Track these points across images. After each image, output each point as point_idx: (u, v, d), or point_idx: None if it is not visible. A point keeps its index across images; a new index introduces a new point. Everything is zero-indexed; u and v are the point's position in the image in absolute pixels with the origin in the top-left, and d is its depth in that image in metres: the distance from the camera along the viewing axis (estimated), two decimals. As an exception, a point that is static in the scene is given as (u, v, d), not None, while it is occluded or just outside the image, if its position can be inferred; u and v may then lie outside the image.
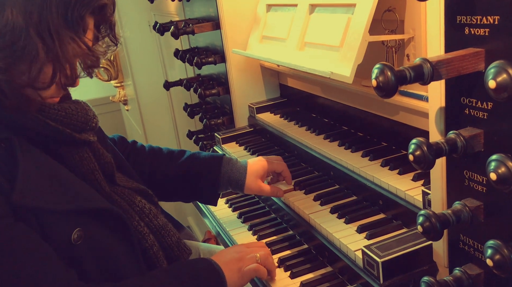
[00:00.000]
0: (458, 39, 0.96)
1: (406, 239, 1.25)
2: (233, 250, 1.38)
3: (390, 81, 0.86)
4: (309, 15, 1.63)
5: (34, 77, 1.04)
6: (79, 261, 1.13)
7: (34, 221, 1.06)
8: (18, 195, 1.03)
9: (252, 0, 2.18)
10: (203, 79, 2.73)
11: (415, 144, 0.94)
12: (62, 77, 1.08)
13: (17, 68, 1.03)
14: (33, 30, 1.01)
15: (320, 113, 2.07)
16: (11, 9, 0.99)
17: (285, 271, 1.44)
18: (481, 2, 0.88)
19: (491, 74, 0.77)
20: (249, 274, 1.31)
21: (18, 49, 1.00)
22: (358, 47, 1.32)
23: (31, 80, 1.04)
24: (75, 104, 1.23)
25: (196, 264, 1.30)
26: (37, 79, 1.05)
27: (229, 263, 1.30)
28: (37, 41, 1.01)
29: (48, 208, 1.08)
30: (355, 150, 1.67)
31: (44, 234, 1.07)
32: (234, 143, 2.26)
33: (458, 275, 1.05)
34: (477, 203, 1.00)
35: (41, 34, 1.02)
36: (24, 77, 1.04)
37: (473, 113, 0.97)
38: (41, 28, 1.02)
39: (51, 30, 1.02)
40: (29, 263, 1.02)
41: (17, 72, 1.03)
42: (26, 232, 1.04)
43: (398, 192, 1.39)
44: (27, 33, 1.00)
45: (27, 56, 1.02)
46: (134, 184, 1.40)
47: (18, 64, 1.02)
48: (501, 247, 0.85)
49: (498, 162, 0.81)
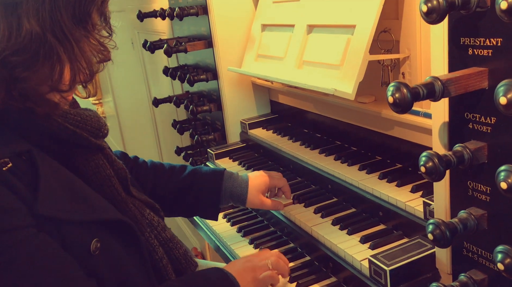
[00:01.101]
0: (462, 59, 1.03)
1: (410, 248, 1.31)
2: (244, 259, 1.41)
3: (406, 97, 0.92)
4: (307, 35, 1.70)
5: (58, 81, 1.06)
6: (96, 272, 1.14)
7: (55, 232, 1.07)
8: (41, 205, 1.04)
9: (244, 20, 2.26)
10: (192, 96, 2.76)
11: (426, 157, 1.00)
12: (81, 76, 1.11)
13: (40, 75, 1.04)
14: (50, 35, 1.02)
15: (312, 128, 2.14)
16: (27, 18, 1.01)
17: (290, 282, 1.48)
18: (484, 25, 0.96)
19: (501, 92, 0.84)
20: (264, 282, 1.34)
21: (40, 57, 1.02)
22: (360, 65, 1.39)
23: (55, 84, 1.06)
24: (87, 111, 1.26)
25: (210, 274, 1.32)
26: (60, 82, 1.06)
27: (243, 272, 1.33)
28: (56, 45, 1.03)
29: (68, 218, 1.09)
30: (352, 164, 1.73)
31: (64, 244, 1.08)
32: (227, 158, 2.29)
33: (464, 280, 1.11)
34: (481, 211, 1.07)
35: (58, 38, 1.03)
36: (48, 82, 1.05)
37: (476, 128, 1.04)
38: (56, 32, 1.03)
39: (65, 32, 1.04)
40: (53, 273, 1.03)
41: (41, 79, 1.05)
42: (49, 242, 1.05)
43: (398, 203, 1.45)
44: (46, 39, 1.02)
45: (49, 62, 1.04)
46: (143, 196, 1.42)
47: (41, 70, 1.04)
48: (511, 251, 0.92)
49: (508, 172, 0.87)
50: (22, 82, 1.02)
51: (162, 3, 2.78)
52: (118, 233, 1.22)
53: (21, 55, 1.00)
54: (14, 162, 1.04)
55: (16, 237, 1.00)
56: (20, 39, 0.99)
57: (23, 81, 1.02)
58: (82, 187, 1.18)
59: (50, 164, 1.13)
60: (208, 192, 1.64)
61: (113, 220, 1.20)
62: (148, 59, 3.70)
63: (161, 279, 1.35)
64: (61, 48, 1.03)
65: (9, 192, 1.01)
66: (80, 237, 1.12)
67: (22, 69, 1.01)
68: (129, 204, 1.30)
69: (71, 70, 1.07)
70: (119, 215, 1.23)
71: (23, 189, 1.03)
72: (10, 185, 1.01)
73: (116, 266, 1.21)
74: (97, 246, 1.14)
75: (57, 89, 1.07)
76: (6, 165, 1.02)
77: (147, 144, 4.25)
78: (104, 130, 1.28)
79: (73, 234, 1.11)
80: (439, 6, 0.90)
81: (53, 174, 1.11)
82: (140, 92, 4.04)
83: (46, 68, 1.04)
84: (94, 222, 1.16)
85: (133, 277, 1.25)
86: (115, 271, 1.20)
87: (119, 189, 1.28)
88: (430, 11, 0.91)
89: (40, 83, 1.05)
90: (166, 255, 1.38)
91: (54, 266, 1.04)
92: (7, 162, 1.03)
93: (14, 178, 1.02)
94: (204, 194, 1.65)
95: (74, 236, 1.11)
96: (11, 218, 1.00)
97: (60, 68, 1.04)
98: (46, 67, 1.04)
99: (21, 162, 1.06)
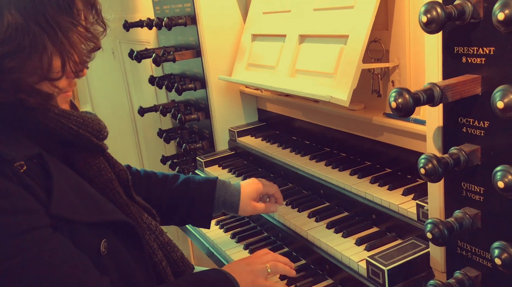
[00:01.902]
0: (456, 66, 1.09)
1: (405, 248, 1.36)
2: (243, 262, 1.43)
3: (409, 103, 0.97)
4: (299, 45, 1.75)
5: (47, 69, 1.06)
6: (105, 272, 1.15)
7: (66, 232, 1.09)
8: (54, 206, 1.06)
9: (232, 30, 2.31)
10: (178, 105, 2.78)
11: (425, 159, 1.05)
12: (71, 64, 1.11)
13: (29, 65, 1.05)
14: (34, 24, 1.03)
15: (301, 135, 2.19)
16: (8, 10, 1.01)
17: (288, 285, 1.51)
18: (477, 35, 1.03)
19: (498, 97, 0.90)
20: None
21: (26, 47, 1.02)
22: (354, 74, 1.45)
23: (44, 73, 1.06)
24: (88, 114, 1.27)
25: (211, 274, 1.35)
26: (49, 71, 1.07)
27: (243, 274, 1.36)
28: (41, 34, 1.03)
29: (80, 219, 1.12)
30: (343, 169, 1.78)
31: (75, 244, 1.10)
32: (216, 166, 2.32)
33: (460, 277, 1.17)
34: (475, 211, 1.13)
35: (42, 27, 1.04)
36: (38, 72, 1.06)
37: (470, 131, 1.10)
38: (40, 21, 1.04)
39: (49, 20, 1.04)
40: (72, 269, 1.05)
41: (30, 69, 1.05)
42: (65, 241, 1.08)
43: (391, 206, 1.51)
44: (29, 29, 1.02)
45: (35, 51, 1.04)
46: (141, 201, 1.44)
47: (29, 61, 1.05)
48: (507, 246, 0.98)
49: (504, 171, 0.93)
50: (11, 73, 1.03)
51: (147, 13, 2.80)
52: (122, 235, 1.25)
53: (4, 45, 1.00)
54: (27, 165, 1.06)
55: (36, 236, 1.02)
56: (2, 30, 1.00)
57: (12, 72, 1.03)
58: (89, 189, 1.21)
59: (59, 167, 1.15)
60: (201, 201, 1.65)
61: (119, 221, 1.22)
62: (130, 69, 3.70)
63: (161, 281, 1.37)
64: (46, 37, 1.03)
65: (27, 193, 1.03)
66: (90, 237, 1.15)
67: (9, 60, 1.02)
68: (130, 206, 1.32)
69: (61, 59, 1.07)
70: (125, 217, 1.25)
71: (39, 190, 1.06)
72: (28, 186, 1.04)
73: (122, 266, 1.23)
74: (106, 246, 1.16)
75: (47, 78, 1.07)
76: (22, 167, 1.05)
77: (128, 153, 4.22)
78: (104, 132, 1.30)
79: (83, 235, 1.13)
80: (438, 17, 0.96)
81: (63, 177, 1.14)
82: (120, 102, 4.03)
83: (34, 58, 1.04)
84: (103, 224, 1.18)
85: (137, 278, 1.27)
86: (121, 271, 1.23)
87: (121, 192, 1.31)
88: (430, 21, 0.97)
89: (29, 73, 1.05)
90: (165, 258, 1.40)
91: (72, 264, 1.06)
92: (22, 165, 1.05)
93: (30, 179, 1.05)
94: (197, 202, 1.65)
95: (84, 236, 1.13)
96: (31, 218, 1.02)
97: (48, 58, 1.05)
98: (34, 57, 1.04)
99: (33, 165, 1.08)
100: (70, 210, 1.10)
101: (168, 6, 2.57)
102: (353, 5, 1.53)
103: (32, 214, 1.03)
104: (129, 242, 1.26)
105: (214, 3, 2.26)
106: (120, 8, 3.28)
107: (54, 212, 1.06)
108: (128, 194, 1.36)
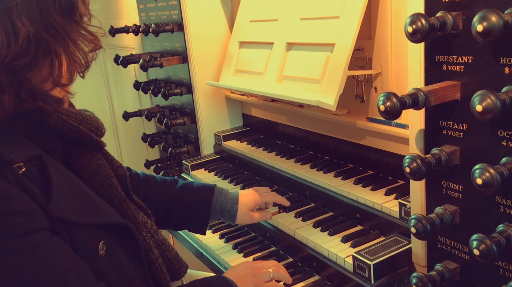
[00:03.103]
0: (437, 73, 1.19)
1: (389, 244, 1.45)
2: (244, 266, 1.46)
3: (396, 106, 1.06)
4: (286, 52, 1.83)
5: (59, 76, 1.10)
6: (103, 274, 1.17)
7: (65, 234, 1.11)
8: (54, 207, 1.08)
9: (219, 38, 2.38)
10: (163, 110, 2.83)
11: (410, 159, 1.13)
12: (77, 66, 1.15)
13: (43, 73, 1.08)
14: (45, 34, 1.06)
15: (285, 140, 2.27)
16: (20, 21, 1.04)
17: (277, 281, 1.57)
18: (457, 45, 1.12)
19: (477, 101, 0.99)
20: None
21: (40, 56, 1.06)
22: (340, 80, 1.54)
23: (56, 79, 1.10)
24: (86, 111, 1.31)
25: (212, 281, 1.37)
26: (61, 77, 1.11)
27: (244, 278, 1.39)
28: (52, 42, 1.07)
29: (78, 221, 1.13)
30: (327, 171, 1.86)
31: (74, 246, 1.12)
32: (203, 169, 2.37)
33: (440, 269, 1.26)
34: (454, 207, 1.22)
35: (52, 35, 1.07)
36: (50, 79, 1.09)
37: (450, 133, 1.19)
38: (50, 30, 1.07)
39: (57, 27, 1.08)
40: (68, 274, 1.06)
41: (43, 77, 1.09)
42: (63, 244, 1.09)
43: (375, 205, 1.59)
44: (42, 39, 1.06)
45: (48, 59, 1.08)
46: (138, 200, 1.46)
47: (42, 69, 1.08)
48: (484, 238, 1.06)
49: (482, 169, 1.02)
50: (27, 83, 1.06)
51: (131, 19, 2.84)
52: (119, 236, 1.27)
53: (22, 58, 1.04)
54: (26, 166, 1.08)
55: (34, 240, 1.03)
56: (19, 43, 1.03)
57: (28, 82, 1.06)
58: (87, 191, 1.23)
59: (58, 168, 1.17)
60: (198, 207, 1.67)
61: (116, 223, 1.25)
62: (113, 74, 3.72)
63: (157, 279, 1.40)
64: (56, 43, 1.07)
65: (26, 195, 1.04)
66: (89, 239, 1.16)
67: (25, 71, 1.05)
68: (129, 203, 1.35)
69: (68, 63, 1.11)
70: (122, 219, 1.28)
71: (37, 192, 1.07)
72: (27, 188, 1.05)
73: (119, 268, 1.25)
74: (104, 248, 1.19)
75: (59, 84, 1.12)
76: (20, 169, 1.06)
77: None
78: (102, 129, 1.33)
79: (82, 236, 1.15)
80: (423, 28, 1.05)
81: (62, 178, 1.15)
82: (101, 107, 4.03)
83: (46, 66, 1.08)
84: (101, 225, 1.20)
85: (134, 279, 1.30)
86: (118, 273, 1.24)
87: (119, 188, 1.33)
88: (415, 32, 1.06)
89: (43, 81, 1.09)
90: (160, 256, 1.43)
91: (68, 269, 1.07)
92: (21, 166, 1.06)
93: (29, 181, 1.06)
94: (194, 208, 1.67)
95: (83, 238, 1.15)
96: (29, 220, 1.03)
97: (58, 63, 1.09)
98: (46, 65, 1.08)
99: (32, 166, 1.10)
100: (68, 211, 1.11)
101: (154, 13, 2.62)
102: (339, 15, 1.62)
103: (30, 217, 1.04)
104: (126, 243, 1.28)
105: (201, 12, 2.33)
106: (103, 13, 3.31)
107: (53, 213, 1.07)
108: (126, 190, 1.38)
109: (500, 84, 1.03)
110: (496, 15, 0.93)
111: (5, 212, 1.00)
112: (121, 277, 1.25)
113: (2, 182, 1.01)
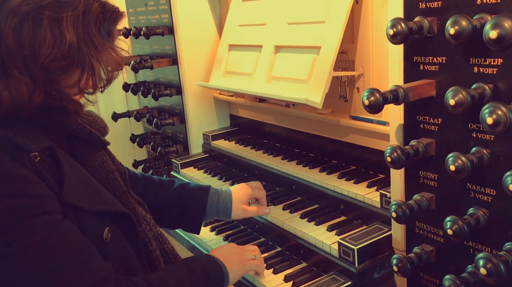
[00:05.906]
0: (414, 73, 1.31)
1: (371, 231, 1.56)
2: (229, 246, 1.57)
3: (379, 100, 1.18)
4: (274, 54, 1.95)
5: (85, 85, 1.22)
6: (108, 258, 1.26)
7: (74, 220, 1.20)
8: (66, 194, 1.17)
9: (208, 41, 2.49)
10: (152, 111, 2.91)
11: (391, 149, 1.25)
12: (101, 82, 1.28)
13: (72, 79, 1.20)
14: (85, 46, 1.19)
15: (271, 139, 2.38)
16: (67, 30, 1.16)
17: (267, 269, 1.67)
18: (432, 47, 1.25)
19: (450, 96, 1.11)
20: (250, 266, 1.52)
21: (75, 64, 1.18)
22: (326, 80, 1.66)
23: (82, 88, 1.22)
24: (92, 112, 1.41)
25: (200, 258, 1.49)
26: (87, 86, 1.24)
27: (229, 255, 1.50)
28: (89, 55, 1.19)
29: (87, 207, 1.22)
30: (313, 167, 1.98)
31: (82, 231, 1.20)
32: (192, 168, 2.46)
33: (418, 251, 1.38)
34: (430, 195, 1.34)
35: (90, 49, 1.19)
36: (76, 85, 1.21)
37: (426, 127, 1.32)
38: (89, 43, 1.19)
39: (96, 43, 1.20)
40: (80, 253, 1.15)
41: (72, 82, 1.20)
42: (73, 227, 1.18)
43: (358, 197, 1.71)
44: (81, 50, 1.18)
45: (81, 68, 1.20)
46: (136, 196, 1.55)
47: (73, 76, 1.20)
48: (457, 219, 1.19)
49: (454, 157, 1.14)
50: (57, 84, 1.17)
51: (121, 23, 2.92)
52: (122, 224, 1.36)
53: (60, 61, 1.15)
54: (40, 156, 1.17)
55: (48, 220, 1.12)
56: (62, 47, 1.15)
57: (58, 83, 1.17)
58: (94, 181, 1.32)
59: (68, 159, 1.26)
60: (194, 207, 1.74)
61: (121, 212, 1.34)
62: (99, 76, 3.77)
63: (154, 270, 1.49)
64: (91, 56, 1.19)
65: (41, 181, 1.14)
66: (95, 225, 1.25)
67: (59, 73, 1.16)
68: (129, 196, 1.44)
69: (95, 75, 1.23)
70: (125, 209, 1.37)
71: (51, 179, 1.16)
72: (42, 175, 1.14)
73: (122, 254, 1.34)
74: (109, 234, 1.28)
75: (84, 92, 1.24)
76: (36, 157, 1.15)
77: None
78: (107, 129, 1.44)
79: (89, 222, 1.24)
80: (402, 31, 1.18)
81: (71, 168, 1.25)
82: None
83: (77, 73, 1.20)
84: (106, 213, 1.29)
85: (135, 265, 1.38)
86: (121, 258, 1.33)
87: (121, 182, 1.43)
88: (396, 34, 1.18)
89: (70, 86, 1.20)
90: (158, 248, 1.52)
91: (79, 247, 1.17)
92: (36, 155, 1.16)
93: (43, 169, 1.15)
94: (190, 208, 1.74)
95: (90, 224, 1.24)
96: (44, 202, 1.12)
97: (87, 74, 1.21)
98: (77, 72, 1.19)
99: (45, 156, 1.19)
100: (78, 198, 1.21)
101: (144, 16, 2.71)
102: (324, 20, 1.74)
103: (45, 199, 1.13)
104: (128, 231, 1.37)
105: (191, 16, 2.44)
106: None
107: (65, 199, 1.17)
108: (126, 187, 1.47)
109: (470, 82, 1.16)
110: (466, 20, 1.06)
111: (23, 193, 1.09)
112: (124, 262, 1.34)
113: (21, 167, 1.10)
